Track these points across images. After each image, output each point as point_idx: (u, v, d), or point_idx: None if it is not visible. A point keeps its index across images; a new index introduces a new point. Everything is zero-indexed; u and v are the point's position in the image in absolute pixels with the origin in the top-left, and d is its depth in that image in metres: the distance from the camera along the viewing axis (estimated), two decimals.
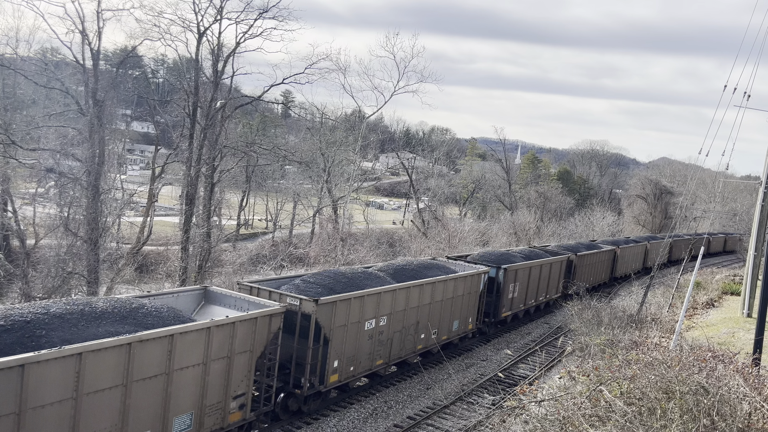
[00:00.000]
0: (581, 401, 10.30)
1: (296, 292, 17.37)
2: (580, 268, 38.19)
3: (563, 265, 35.74)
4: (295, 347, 16.54)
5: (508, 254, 30.97)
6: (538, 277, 31.74)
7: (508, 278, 28.00)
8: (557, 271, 34.75)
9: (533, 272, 31.05)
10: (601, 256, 42.92)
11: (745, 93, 27.98)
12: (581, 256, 38.50)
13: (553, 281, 34.28)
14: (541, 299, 33.18)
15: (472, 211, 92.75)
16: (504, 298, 28.04)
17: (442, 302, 22.78)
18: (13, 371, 9.47)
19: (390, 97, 52.92)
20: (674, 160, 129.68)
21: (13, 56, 36.44)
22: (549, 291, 34.12)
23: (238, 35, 36.88)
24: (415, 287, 20.84)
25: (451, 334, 24.12)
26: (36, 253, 33.80)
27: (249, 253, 54.46)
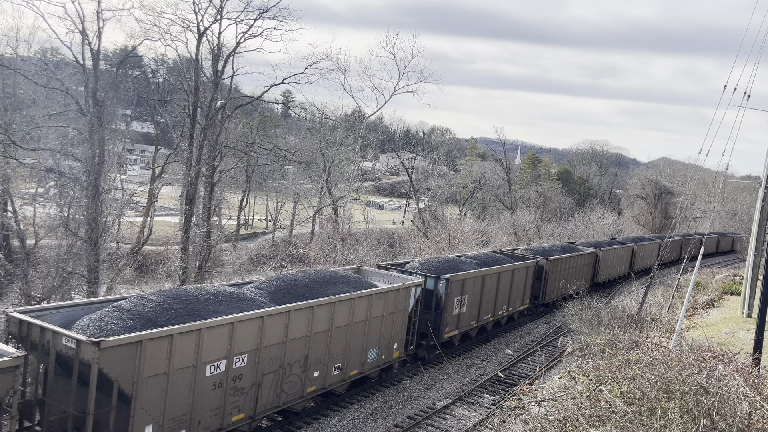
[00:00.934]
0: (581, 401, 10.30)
1: (93, 327, 12.36)
2: (554, 275, 34.22)
3: (530, 272, 31.45)
4: (71, 414, 11.58)
5: (457, 261, 26.18)
6: (495, 287, 27.18)
7: (452, 290, 23.23)
8: (522, 279, 30.28)
9: (489, 282, 26.47)
10: (579, 260, 38.71)
11: (745, 93, 28.01)
12: (554, 261, 34.25)
13: (517, 291, 29.81)
14: (501, 313, 28.62)
15: (472, 211, 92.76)
16: (447, 315, 23.26)
17: (349, 327, 17.80)
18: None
19: (390, 97, 52.89)
20: (674, 160, 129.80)
21: (13, 56, 36.42)
22: (512, 303, 29.59)
23: (238, 35, 36.86)
24: (299, 311, 15.79)
25: (366, 367, 19.05)
26: (36, 253, 33.79)
27: (249, 253, 54.49)
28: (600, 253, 42.11)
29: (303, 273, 18.41)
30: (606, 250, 43.62)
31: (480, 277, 25.75)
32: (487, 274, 26.34)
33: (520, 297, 30.64)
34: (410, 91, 52.78)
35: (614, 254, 45.88)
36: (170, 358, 12.53)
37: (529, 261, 31.52)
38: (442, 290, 22.79)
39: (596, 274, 42.24)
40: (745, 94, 27.98)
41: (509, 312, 29.64)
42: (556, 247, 38.79)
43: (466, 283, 24.51)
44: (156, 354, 12.24)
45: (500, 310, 28.48)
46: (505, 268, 28.45)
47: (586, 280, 39.80)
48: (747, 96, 27.89)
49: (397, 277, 21.66)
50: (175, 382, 12.71)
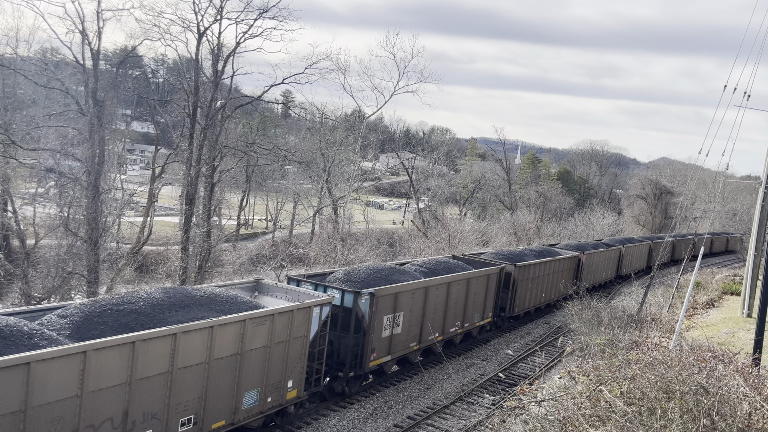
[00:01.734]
0: (581, 401, 10.31)
1: None
2: (525, 283, 30.28)
3: (493, 280, 27.25)
4: None
5: (393, 271, 21.55)
6: (444, 300, 23.07)
7: (380, 307, 19.01)
8: (482, 289, 26.26)
9: (435, 294, 22.29)
10: (558, 265, 34.60)
11: (745, 93, 28.01)
12: (524, 267, 30.03)
13: (476, 303, 25.82)
14: (455, 330, 24.39)
15: (472, 211, 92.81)
16: (374, 338, 18.95)
17: (206, 365, 13.19)
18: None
19: (390, 97, 52.97)
20: (674, 160, 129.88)
21: (13, 56, 36.44)
22: (469, 317, 25.44)
23: (238, 35, 36.92)
24: (109, 350, 11.14)
25: (240, 415, 14.51)
26: (36, 253, 33.81)
27: (249, 253, 54.53)
28: (583, 257, 38.37)
29: (137, 295, 13.44)
30: (590, 254, 39.99)
31: (421, 289, 21.31)
32: (431, 285, 21.93)
33: (480, 310, 26.25)
34: (410, 91, 52.92)
35: (600, 258, 42.01)
36: None
37: (491, 268, 27.19)
38: (365, 308, 18.47)
39: (579, 280, 38.00)
40: (745, 94, 28.00)
41: (465, 328, 25.30)
42: (530, 250, 34.87)
43: (401, 298, 20.17)
44: None
45: (452, 327, 24.11)
46: (458, 277, 24.00)
47: (566, 287, 35.98)
48: (747, 96, 27.91)
49: (305, 293, 17.50)
50: None
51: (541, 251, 35.14)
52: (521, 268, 29.54)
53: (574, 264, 37.54)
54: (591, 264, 40.00)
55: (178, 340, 12.43)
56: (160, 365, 12.21)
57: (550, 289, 33.87)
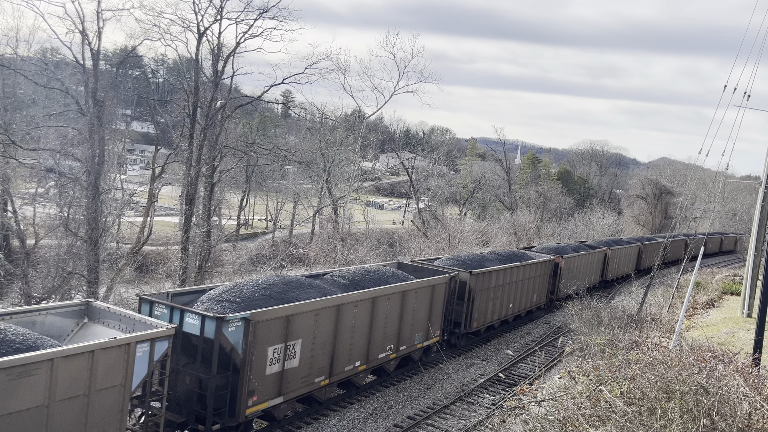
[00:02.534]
0: (581, 401, 10.31)
1: None
2: (484, 293, 25.76)
3: (441, 292, 22.71)
4: None
5: (290, 286, 16.96)
6: (368, 319, 18.65)
7: (262, 336, 14.65)
8: (426, 303, 21.76)
9: (351, 313, 17.78)
10: (529, 270, 30.39)
11: (745, 93, 28.02)
12: (482, 275, 25.33)
13: (416, 320, 21.25)
14: (385, 356, 19.90)
15: (472, 211, 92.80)
16: (253, 376, 14.64)
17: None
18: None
19: (390, 97, 52.96)
20: (674, 160, 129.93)
21: (13, 56, 36.42)
22: (406, 339, 20.86)
23: (238, 35, 36.89)
24: None
25: None
26: (36, 253, 33.79)
27: (249, 253, 54.53)
28: (561, 261, 34.88)
29: None
30: (570, 258, 36.33)
31: (330, 309, 16.92)
32: (346, 302, 17.53)
33: (423, 328, 21.92)
34: (410, 91, 52.90)
35: (581, 262, 38.36)
36: None
37: (438, 277, 22.65)
38: (236, 338, 14.18)
39: (556, 288, 34.95)
40: (745, 94, 28.00)
41: (402, 352, 20.93)
42: (496, 255, 30.87)
43: (297, 321, 15.70)
44: None
45: (382, 352, 19.72)
46: (388, 291, 19.45)
47: (541, 295, 32.92)
48: (747, 96, 27.92)
49: (144, 322, 13.16)
50: None
51: (508, 255, 31.30)
52: (479, 276, 25.09)
53: (550, 269, 33.94)
54: (571, 269, 36.50)
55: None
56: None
57: (520, 298, 29.97)
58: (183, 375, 14.40)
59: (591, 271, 40.50)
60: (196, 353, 14.21)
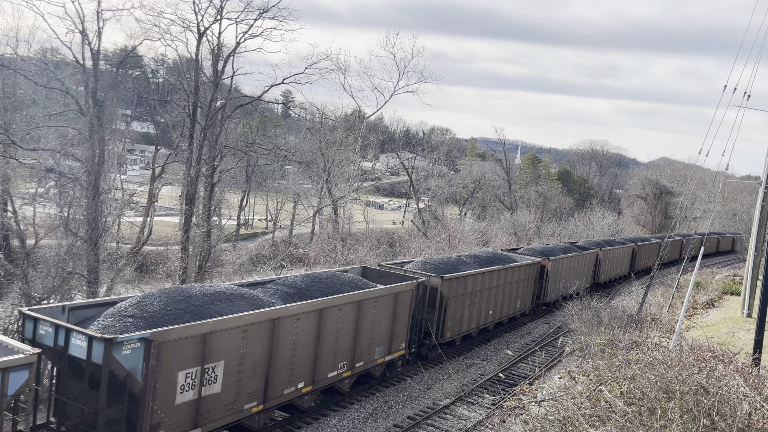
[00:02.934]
0: (581, 401, 10.31)
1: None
2: (458, 300, 23.57)
3: (404, 300, 20.22)
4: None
5: (214, 298, 14.54)
6: (314, 334, 16.33)
7: (169, 359, 12.56)
8: (388, 314, 19.38)
9: (291, 328, 15.41)
10: (511, 274, 28.36)
11: (745, 93, 28.02)
12: (455, 280, 23.16)
13: (375, 333, 19.01)
14: (335, 375, 17.47)
15: (472, 211, 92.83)
16: (159, 407, 12.48)
17: None
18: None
19: (390, 97, 52.82)
20: (674, 160, 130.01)
21: (13, 56, 36.43)
22: (362, 354, 18.55)
23: (238, 35, 36.85)
24: None
25: None
26: (36, 253, 33.77)
27: (249, 253, 54.57)
28: (548, 264, 32.96)
29: None
30: (558, 260, 34.35)
31: (263, 324, 14.52)
32: (285, 315, 15.14)
33: (385, 341, 19.66)
34: (410, 91, 52.72)
35: (570, 264, 36.45)
36: None
37: (403, 284, 20.34)
38: (133, 362, 12.04)
39: (544, 292, 32.99)
40: (745, 94, 28.00)
41: (359, 369, 18.55)
42: (475, 257, 28.21)
43: (217, 340, 13.39)
44: None
45: (333, 370, 17.43)
46: (339, 301, 17.10)
47: (525, 301, 30.87)
48: (747, 96, 27.91)
49: (11, 347, 11.18)
50: None
51: (488, 258, 28.76)
52: (452, 281, 22.90)
53: (536, 272, 31.90)
54: (559, 271, 34.63)
55: None
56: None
57: (502, 304, 27.96)
58: (72, 408, 12.20)
59: (581, 273, 38.52)
60: (85, 381, 12.04)
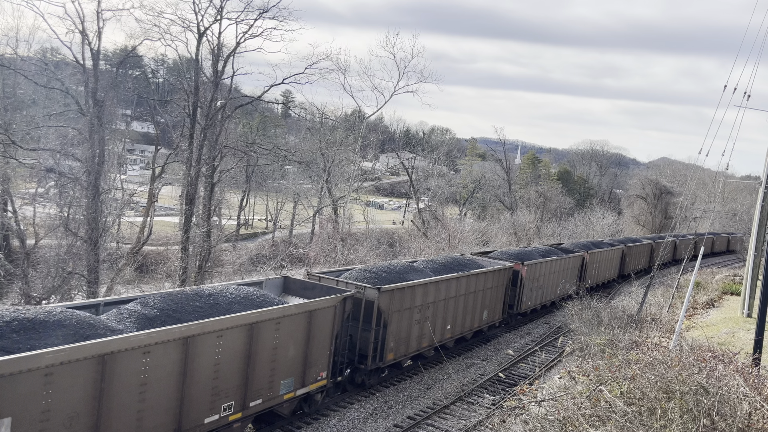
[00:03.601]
0: (581, 401, 10.31)
1: None
2: (401, 315, 19.96)
3: (320, 320, 16.23)
4: None
5: (21, 326, 10.87)
6: (179, 369, 12.48)
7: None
8: (300, 337, 15.55)
9: (140, 364, 11.57)
10: (474, 282, 24.74)
11: (745, 93, 28.01)
12: (398, 292, 19.54)
13: (279, 363, 15.07)
14: (215, 420, 13.50)
15: (472, 211, 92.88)
16: None
17: None
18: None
19: (390, 97, 52.88)
20: (674, 160, 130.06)
21: (13, 56, 36.46)
22: (259, 391, 14.55)
23: (238, 35, 36.91)
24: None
25: None
26: (36, 253, 33.80)
27: (249, 253, 54.59)
28: (523, 269, 29.39)
29: None
30: (534, 265, 30.77)
31: (87, 361, 10.62)
32: (122, 349, 11.20)
33: (296, 371, 15.74)
34: (410, 91, 52.78)
35: (550, 269, 32.92)
36: None
37: (322, 300, 16.30)
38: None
39: (518, 300, 29.62)
40: (745, 94, 27.99)
41: (254, 409, 14.60)
42: (432, 263, 24.58)
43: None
44: None
45: (210, 413, 13.42)
46: (218, 326, 13.24)
47: (494, 312, 27.22)
48: (747, 96, 27.91)
49: None
50: None
51: (448, 264, 25.08)
52: (393, 293, 19.40)
53: (507, 279, 28.19)
54: (537, 277, 31.28)
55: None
56: None
57: (464, 316, 24.44)
58: None
59: (564, 278, 35.36)
60: None
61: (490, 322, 27.14)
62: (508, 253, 32.51)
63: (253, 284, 17.61)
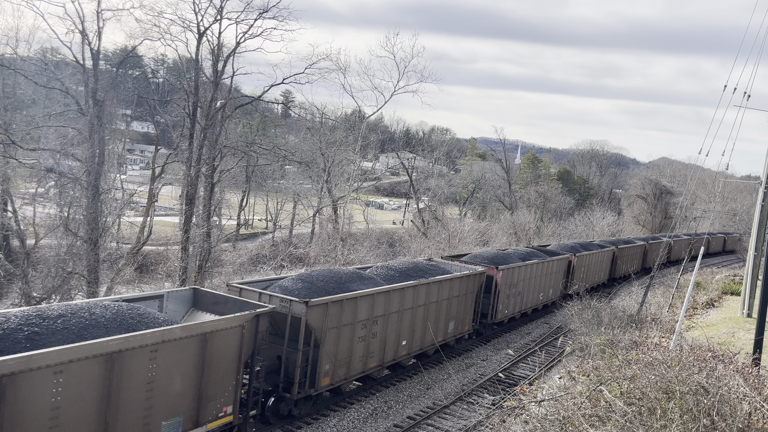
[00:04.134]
0: (581, 401, 10.31)
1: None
2: (338, 332, 17.39)
3: (220, 344, 13.31)
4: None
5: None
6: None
7: None
8: (192, 365, 12.70)
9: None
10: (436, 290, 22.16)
11: (745, 93, 28.01)
12: (329, 306, 16.85)
13: (157, 399, 12.04)
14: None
15: (472, 211, 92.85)
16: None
17: None
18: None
19: (390, 97, 52.87)
20: (674, 160, 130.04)
21: (13, 56, 36.45)
22: (161, 421, 12.10)
23: (238, 35, 36.87)
24: None
25: None
26: (36, 253, 33.80)
27: (249, 253, 54.54)
28: (498, 274, 27.37)
29: None
30: (511, 269, 28.67)
31: None
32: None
33: (186, 408, 12.80)
34: (410, 91, 52.78)
35: (531, 273, 31.04)
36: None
37: (227, 318, 13.81)
38: None
39: (493, 309, 27.42)
40: (745, 94, 28.00)
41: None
42: (386, 269, 22.06)
43: None
44: None
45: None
46: (59, 357, 10.09)
47: (462, 322, 24.79)
48: (747, 96, 27.91)
49: None
50: None
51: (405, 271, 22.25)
52: (325, 307, 16.71)
53: (478, 285, 25.72)
54: (515, 282, 29.23)
55: None
56: None
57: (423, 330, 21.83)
58: None
59: (548, 283, 33.34)
60: None
61: (457, 334, 24.56)
62: (483, 256, 29.81)
63: (149, 298, 14.96)
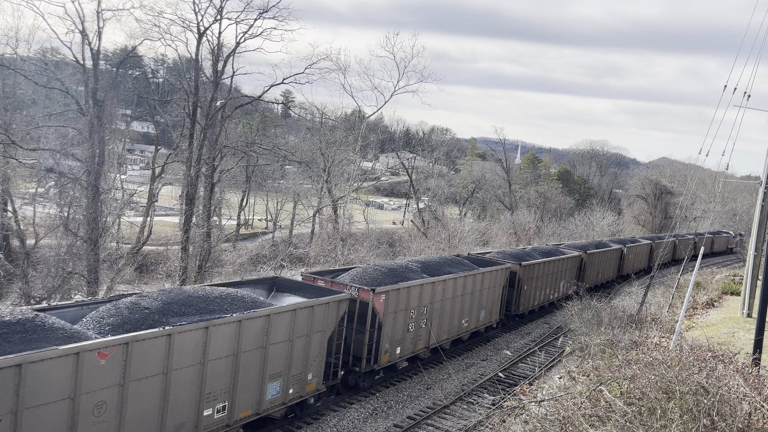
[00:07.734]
0: (581, 401, 10.31)
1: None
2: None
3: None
4: None
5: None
6: None
7: None
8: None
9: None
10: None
11: (745, 93, 27.99)
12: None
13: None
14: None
15: (472, 211, 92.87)
16: None
17: None
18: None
19: (390, 97, 52.89)
20: (674, 160, 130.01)
21: (13, 56, 36.45)
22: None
23: (238, 35, 36.90)
24: None
25: None
26: (36, 253, 33.81)
27: (249, 253, 54.57)
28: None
29: None
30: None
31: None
32: None
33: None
34: (410, 91, 52.81)
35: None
36: None
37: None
38: None
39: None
40: (745, 93, 27.97)
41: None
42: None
43: None
44: None
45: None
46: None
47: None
48: (747, 96, 27.89)
49: None
50: None
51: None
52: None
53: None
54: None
55: None
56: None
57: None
58: None
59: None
60: None
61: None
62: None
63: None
